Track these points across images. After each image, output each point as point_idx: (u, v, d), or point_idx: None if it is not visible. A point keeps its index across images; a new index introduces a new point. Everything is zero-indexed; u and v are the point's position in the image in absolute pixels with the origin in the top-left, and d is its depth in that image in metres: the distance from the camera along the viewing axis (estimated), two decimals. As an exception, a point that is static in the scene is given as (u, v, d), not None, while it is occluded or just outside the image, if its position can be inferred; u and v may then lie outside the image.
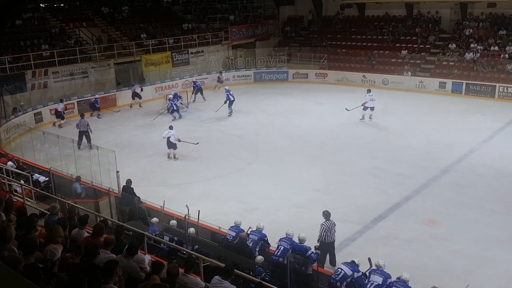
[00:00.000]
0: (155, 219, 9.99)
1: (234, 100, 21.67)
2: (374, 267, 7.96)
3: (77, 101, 22.62)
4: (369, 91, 20.04)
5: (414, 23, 29.98)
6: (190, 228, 9.39)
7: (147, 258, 6.58)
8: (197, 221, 9.86)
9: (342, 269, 7.93)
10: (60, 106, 20.89)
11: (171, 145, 16.23)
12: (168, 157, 16.36)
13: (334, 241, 9.69)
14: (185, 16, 32.42)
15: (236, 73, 29.27)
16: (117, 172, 11.86)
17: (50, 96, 22.42)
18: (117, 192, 11.65)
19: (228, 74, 29.13)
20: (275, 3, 35.73)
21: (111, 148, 13.00)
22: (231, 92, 21.72)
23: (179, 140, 16.25)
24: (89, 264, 5.27)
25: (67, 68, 23.42)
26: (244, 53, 31.49)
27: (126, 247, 6.08)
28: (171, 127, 16.71)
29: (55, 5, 28.48)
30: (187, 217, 9.45)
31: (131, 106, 23.96)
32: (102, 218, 9.05)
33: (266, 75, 29.11)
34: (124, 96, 24.23)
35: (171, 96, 22.43)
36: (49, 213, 7.74)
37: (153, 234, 9.00)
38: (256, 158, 16.44)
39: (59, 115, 20.78)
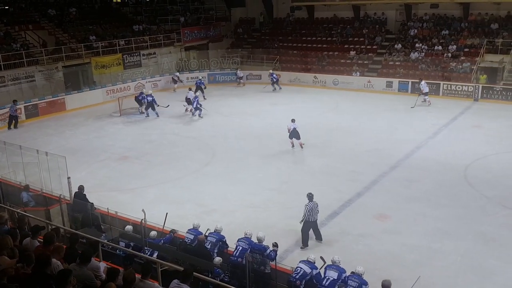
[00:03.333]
0: (153, 233, 9.34)
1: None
2: (330, 263, 8.18)
3: (24, 106, 21.74)
4: (293, 120, 17.26)
5: (361, 24, 30.94)
6: (152, 232, 9.28)
7: (102, 265, 6.48)
8: (162, 225, 9.74)
9: (301, 268, 8.09)
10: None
11: (294, 135, 16.86)
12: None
13: (316, 220, 10.64)
14: (135, 17, 31.91)
15: (189, 74, 29.10)
16: (68, 178, 11.53)
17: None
18: (68, 199, 11.32)
19: (182, 76, 28.92)
20: (226, 5, 35.81)
21: (61, 154, 12.61)
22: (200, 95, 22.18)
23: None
24: (41, 274, 5.13)
25: (13, 73, 22.52)
26: (197, 55, 31.38)
27: (80, 255, 5.96)
28: (293, 120, 17.07)
29: (0, 8, 27.26)
30: (143, 221, 9.33)
31: (174, 90, 26.68)
32: (54, 227, 8.78)
33: (220, 76, 29.13)
34: (73, 99, 23.55)
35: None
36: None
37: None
38: (212, 159, 16.44)
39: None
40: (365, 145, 17.36)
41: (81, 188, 11.39)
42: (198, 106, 21.33)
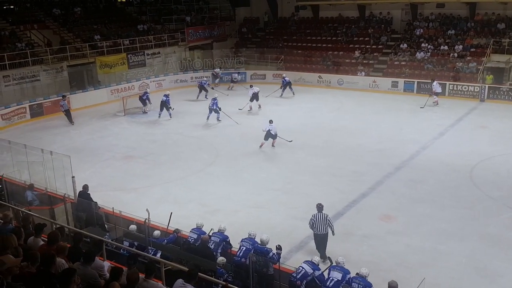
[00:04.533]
0: (157, 232, 9.29)
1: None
2: (334, 263, 8.14)
3: (29, 105, 21.82)
4: (271, 121, 17.34)
5: (367, 24, 30.82)
6: (155, 231, 9.27)
7: (106, 264, 6.48)
8: (167, 225, 9.73)
9: (302, 267, 8.06)
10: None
11: (270, 136, 16.93)
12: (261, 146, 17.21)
13: (324, 233, 9.83)
14: (139, 17, 31.95)
15: (194, 74, 29.11)
16: (73, 177, 11.54)
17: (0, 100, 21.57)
18: (73, 198, 11.34)
19: (186, 76, 28.96)
20: (230, 5, 35.81)
21: (65, 153, 12.64)
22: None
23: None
24: (46, 273, 5.13)
25: (18, 72, 22.59)
26: (202, 55, 31.38)
27: (84, 254, 5.96)
28: (271, 121, 17.12)
29: (5, 7, 27.38)
30: (147, 221, 9.33)
31: (213, 88, 26.15)
32: (58, 226, 8.80)
33: (224, 76, 29.10)
34: (78, 98, 23.61)
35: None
36: (1, 221, 7.45)
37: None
38: (215, 159, 16.42)
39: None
40: (370, 145, 17.29)
41: (85, 187, 11.40)
42: (217, 108, 20.66)
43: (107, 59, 26.41)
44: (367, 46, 29.23)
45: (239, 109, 22.30)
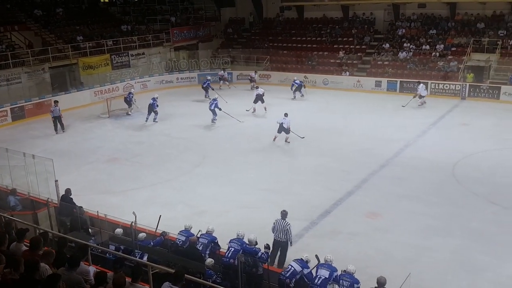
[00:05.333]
0: (142, 235, 9.11)
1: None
2: (322, 261, 8.17)
3: (10, 108, 21.47)
4: (285, 115, 17.63)
5: (350, 24, 31.06)
6: (140, 234, 9.18)
7: (92, 269, 6.40)
8: (155, 227, 9.64)
9: (292, 266, 8.08)
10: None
11: (282, 129, 17.15)
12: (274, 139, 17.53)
13: (281, 240, 9.59)
14: (123, 17, 31.68)
15: (179, 75, 28.98)
16: (56, 181, 11.38)
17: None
18: (56, 202, 11.17)
19: (172, 76, 28.80)
20: (216, 5, 35.73)
21: (48, 156, 12.46)
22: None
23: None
24: (29, 280, 5.04)
25: (-1, 74, 22.26)
26: (187, 55, 31.24)
27: (68, 259, 5.88)
28: (286, 114, 17.34)
29: (-16, 9, 26.90)
30: (133, 224, 9.24)
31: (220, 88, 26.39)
32: (41, 231, 8.66)
33: (210, 76, 28.98)
34: (61, 101, 23.10)
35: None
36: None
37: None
38: (203, 160, 16.36)
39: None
40: (356, 144, 17.42)
41: (67, 191, 11.15)
42: (215, 110, 20.28)
43: (90, 60, 26.12)
44: (351, 46, 29.45)
45: (246, 110, 22.11)
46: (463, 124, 19.60)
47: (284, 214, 9.84)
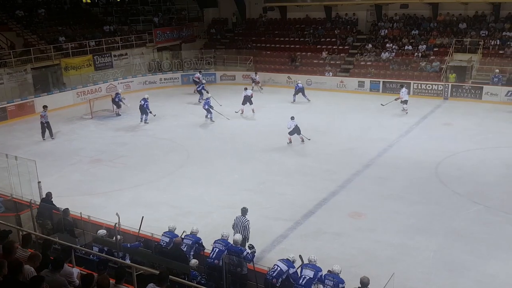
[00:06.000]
0: (102, 231, 9.12)
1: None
2: (306, 261, 8.22)
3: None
4: (292, 118, 17.83)
5: (333, 25, 31.26)
6: (100, 230, 9.11)
7: (76, 271, 6.35)
8: (138, 229, 9.58)
9: (278, 266, 8.10)
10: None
11: (295, 131, 17.48)
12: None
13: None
14: (106, 18, 31.39)
15: (163, 75, 28.84)
16: (39, 182, 11.27)
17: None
18: (39, 204, 11.03)
19: (155, 77, 28.65)
20: (198, 6, 35.65)
21: (31, 158, 12.30)
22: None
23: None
24: (13, 281, 4.99)
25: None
26: (170, 56, 31.11)
27: (52, 261, 5.83)
28: (292, 118, 17.59)
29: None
30: (117, 225, 9.17)
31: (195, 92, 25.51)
32: (24, 232, 8.55)
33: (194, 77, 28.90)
34: (43, 102, 22.91)
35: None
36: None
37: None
38: (187, 161, 16.32)
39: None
40: (339, 144, 17.56)
41: (48, 195, 10.95)
42: (208, 108, 20.60)
43: (73, 61, 25.83)
44: (334, 47, 29.64)
45: (235, 112, 22.02)
46: (445, 124, 19.88)
47: (244, 210, 10.02)
